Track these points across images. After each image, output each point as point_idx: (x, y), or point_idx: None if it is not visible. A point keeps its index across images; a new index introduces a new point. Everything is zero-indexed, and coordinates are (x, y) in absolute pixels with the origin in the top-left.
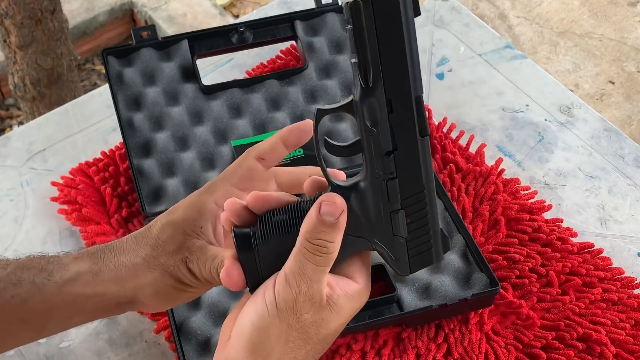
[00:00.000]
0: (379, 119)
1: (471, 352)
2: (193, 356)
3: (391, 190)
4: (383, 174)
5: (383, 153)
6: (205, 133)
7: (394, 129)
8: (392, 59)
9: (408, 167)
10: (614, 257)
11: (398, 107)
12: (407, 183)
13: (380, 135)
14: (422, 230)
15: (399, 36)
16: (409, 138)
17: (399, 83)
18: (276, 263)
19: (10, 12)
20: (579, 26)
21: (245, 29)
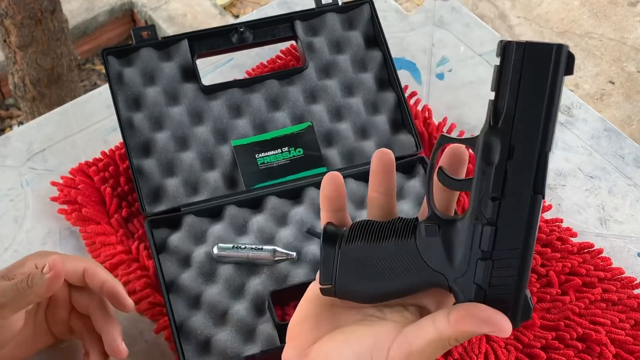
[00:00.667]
0: (496, 162)
1: (471, 352)
2: (193, 356)
3: (485, 235)
4: (483, 217)
5: (489, 197)
6: (205, 133)
7: (507, 176)
8: (528, 107)
9: (509, 219)
10: (614, 257)
11: (519, 156)
12: (504, 235)
13: (493, 178)
14: (504, 289)
15: (542, 88)
16: (520, 190)
17: (528, 133)
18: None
19: (10, 12)
20: (579, 26)
21: (245, 29)
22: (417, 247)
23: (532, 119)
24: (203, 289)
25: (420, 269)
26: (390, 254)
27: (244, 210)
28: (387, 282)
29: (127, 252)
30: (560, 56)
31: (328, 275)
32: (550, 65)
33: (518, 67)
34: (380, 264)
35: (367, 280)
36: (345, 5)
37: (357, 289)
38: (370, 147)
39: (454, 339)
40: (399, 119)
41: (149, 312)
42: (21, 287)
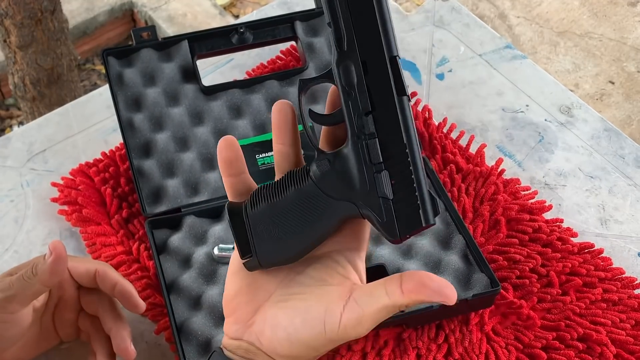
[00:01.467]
0: (356, 81)
1: (472, 352)
2: (193, 357)
3: (372, 149)
4: (363, 135)
5: (362, 114)
6: (205, 133)
7: (371, 90)
8: (363, 22)
9: (387, 126)
10: (615, 257)
11: (373, 68)
12: (388, 142)
13: (358, 96)
14: (407, 191)
15: (369, 2)
16: (385, 97)
17: (372, 45)
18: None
19: (10, 12)
20: (579, 26)
21: (245, 30)
22: (317, 185)
23: (371, 31)
24: (204, 290)
25: (328, 206)
26: (295, 203)
27: None
28: (303, 233)
29: (127, 253)
30: None
31: (246, 248)
32: None
33: None
34: (289, 217)
35: (284, 239)
36: None
37: (278, 252)
38: None
39: (404, 305)
40: None
41: (150, 312)
42: (27, 277)
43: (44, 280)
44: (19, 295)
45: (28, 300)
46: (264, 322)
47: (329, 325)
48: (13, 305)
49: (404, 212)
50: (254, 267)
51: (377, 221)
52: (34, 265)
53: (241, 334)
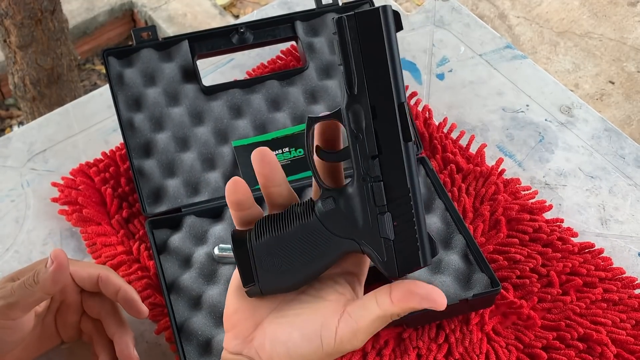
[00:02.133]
0: (364, 125)
1: (472, 352)
2: (194, 357)
3: (376, 192)
4: (369, 177)
5: (369, 157)
6: (205, 133)
7: (378, 134)
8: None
9: (392, 170)
10: (615, 257)
11: (381, 114)
12: (392, 186)
13: (366, 140)
14: (408, 233)
15: (380, 48)
16: (392, 143)
17: (382, 91)
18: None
19: (10, 12)
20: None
21: (245, 30)
22: (321, 222)
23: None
24: (204, 290)
25: (330, 242)
26: (299, 238)
27: None
28: (305, 266)
29: (127, 253)
30: (387, 15)
31: (249, 276)
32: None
33: (355, 36)
34: (293, 250)
35: (286, 271)
36: (346, 5)
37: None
38: None
39: (396, 314)
40: None
41: (150, 313)
42: (28, 284)
43: (45, 288)
44: (21, 303)
45: (29, 308)
46: (263, 337)
47: (326, 339)
48: (15, 312)
49: (403, 253)
50: (255, 294)
51: (377, 259)
52: (35, 273)
53: (241, 349)
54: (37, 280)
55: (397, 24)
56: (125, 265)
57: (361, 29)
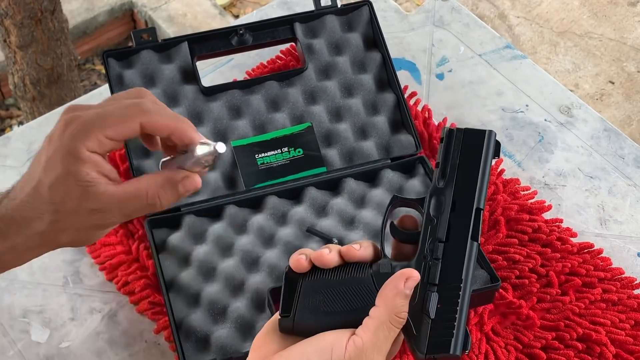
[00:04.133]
0: (442, 213)
1: (471, 352)
2: (192, 354)
3: (433, 270)
4: (430, 256)
5: (436, 240)
6: (205, 134)
7: (451, 225)
8: (466, 174)
9: (453, 259)
10: (614, 257)
11: (460, 209)
12: (448, 271)
13: (439, 225)
14: (448, 318)
15: (476, 161)
16: (461, 236)
17: (466, 192)
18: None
19: (10, 12)
20: (579, 26)
21: (244, 31)
22: (373, 278)
23: (470, 182)
24: (202, 287)
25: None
26: (348, 286)
27: (244, 210)
28: (343, 314)
29: (127, 253)
30: (491, 139)
31: (288, 307)
32: (482, 146)
33: (459, 144)
34: (337, 296)
35: (324, 312)
36: (345, 7)
37: (314, 320)
38: (370, 147)
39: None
40: (398, 119)
41: (149, 312)
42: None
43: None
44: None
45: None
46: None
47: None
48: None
49: (437, 335)
50: (287, 327)
51: (411, 333)
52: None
53: None
54: (159, 203)
55: (497, 151)
56: (125, 265)
57: (467, 142)
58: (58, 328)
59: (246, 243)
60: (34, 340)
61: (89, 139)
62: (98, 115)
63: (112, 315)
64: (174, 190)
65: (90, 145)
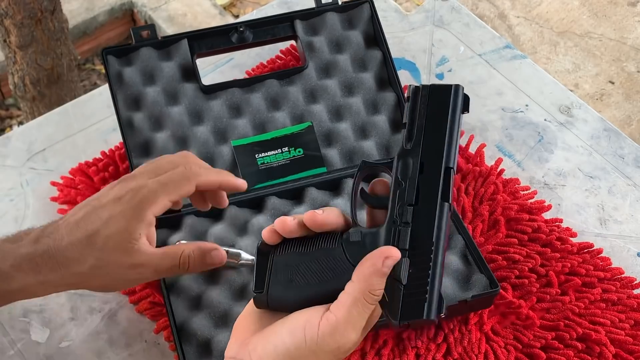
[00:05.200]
0: (410, 176)
1: (471, 352)
2: (193, 357)
3: (402, 235)
4: (399, 221)
5: (405, 204)
6: (205, 133)
7: (420, 187)
8: (432, 133)
9: (423, 222)
10: (614, 257)
11: (428, 171)
12: (418, 235)
13: (407, 189)
14: (420, 283)
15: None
16: (430, 198)
17: (433, 153)
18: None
19: (10, 12)
20: (579, 26)
21: (245, 29)
22: (344, 249)
23: (436, 141)
24: (204, 290)
25: (346, 272)
26: (318, 258)
27: (244, 211)
28: (315, 286)
29: None
30: (458, 94)
31: (260, 283)
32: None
33: (425, 102)
34: (308, 269)
35: (296, 286)
36: (345, 4)
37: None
38: (370, 146)
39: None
40: (399, 119)
41: (149, 312)
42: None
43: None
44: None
45: None
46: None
47: (309, 334)
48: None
49: (410, 300)
50: (261, 303)
51: (384, 300)
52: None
53: (236, 353)
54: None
55: (466, 105)
56: None
57: (432, 99)
58: (58, 328)
59: (247, 244)
60: (34, 340)
61: (157, 205)
62: (162, 184)
63: (112, 315)
64: (202, 258)
65: (156, 210)
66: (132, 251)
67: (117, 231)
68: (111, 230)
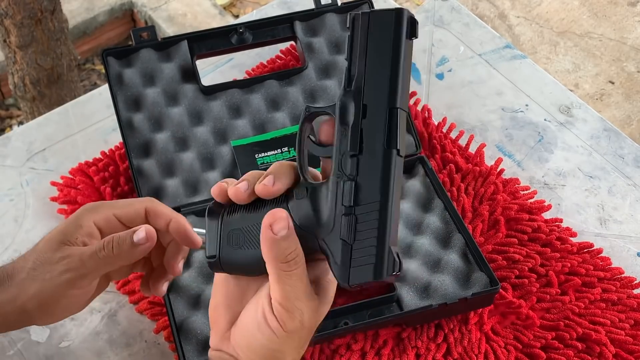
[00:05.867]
0: (352, 121)
1: (471, 352)
2: (193, 356)
3: (346, 191)
4: (344, 174)
5: (348, 155)
6: (205, 133)
7: (363, 134)
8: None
9: (368, 174)
10: (614, 257)
11: (372, 114)
12: (364, 189)
13: (350, 136)
14: (368, 242)
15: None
16: (374, 147)
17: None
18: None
19: (10, 12)
20: (578, 26)
21: (244, 30)
22: (289, 210)
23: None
24: (203, 289)
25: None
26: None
27: None
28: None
29: None
30: (402, 19)
31: (213, 247)
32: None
33: (365, 33)
34: (255, 231)
35: (247, 249)
36: (345, 5)
37: (239, 260)
38: None
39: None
40: None
41: (149, 311)
42: (103, 256)
43: (126, 261)
44: (93, 273)
45: (99, 275)
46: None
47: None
48: (85, 281)
49: (359, 261)
50: (217, 268)
51: (332, 261)
52: (113, 244)
53: (221, 345)
54: (117, 252)
55: (412, 31)
56: None
57: (372, 28)
58: (58, 328)
59: None
60: (34, 340)
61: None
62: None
63: (111, 315)
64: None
65: (97, 218)
66: (63, 248)
67: (55, 233)
68: (51, 234)
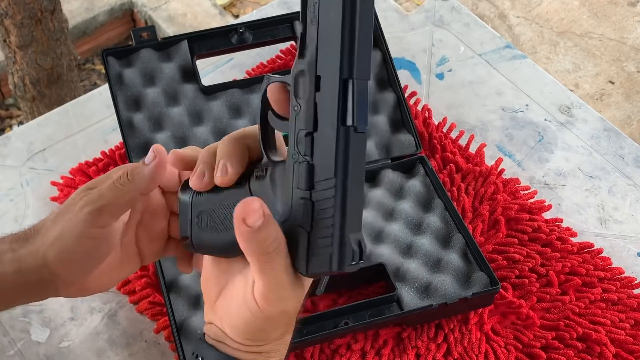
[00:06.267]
0: (306, 95)
1: (471, 352)
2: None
3: (302, 173)
4: (299, 154)
5: (304, 133)
6: (205, 133)
7: (318, 110)
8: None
9: (322, 155)
10: (614, 257)
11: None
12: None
13: (304, 112)
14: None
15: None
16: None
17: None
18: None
19: (10, 12)
20: (578, 26)
21: (244, 30)
22: (250, 191)
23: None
24: None
25: None
26: (228, 201)
27: None
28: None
29: None
30: None
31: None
32: None
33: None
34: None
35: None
36: None
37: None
38: (370, 146)
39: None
40: (398, 119)
41: (149, 311)
42: (120, 184)
43: (142, 187)
44: (111, 206)
45: (121, 211)
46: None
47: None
48: (104, 217)
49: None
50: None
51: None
52: (128, 172)
53: (211, 318)
54: (132, 178)
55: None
56: None
57: None
58: (58, 327)
59: None
60: (34, 340)
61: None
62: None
63: (112, 315)
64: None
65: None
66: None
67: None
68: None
